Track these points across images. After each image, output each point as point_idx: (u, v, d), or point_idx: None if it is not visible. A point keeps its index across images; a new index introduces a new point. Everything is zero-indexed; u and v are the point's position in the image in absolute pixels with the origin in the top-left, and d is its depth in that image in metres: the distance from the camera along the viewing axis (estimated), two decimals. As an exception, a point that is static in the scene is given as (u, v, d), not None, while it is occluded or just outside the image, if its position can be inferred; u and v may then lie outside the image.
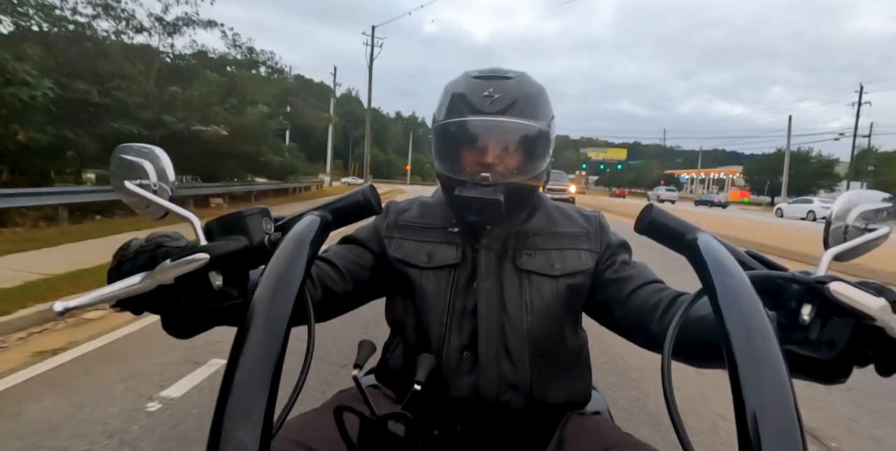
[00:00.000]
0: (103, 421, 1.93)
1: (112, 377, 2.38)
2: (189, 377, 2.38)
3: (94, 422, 1.92)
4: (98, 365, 2.54)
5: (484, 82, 0.78)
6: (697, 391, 2.42)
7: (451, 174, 0.78)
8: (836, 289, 0.43)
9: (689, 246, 0.49)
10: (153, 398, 2.14)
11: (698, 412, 2.19)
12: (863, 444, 2.08)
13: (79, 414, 1.98)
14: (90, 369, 2.48)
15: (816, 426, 2.15)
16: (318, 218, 0.53)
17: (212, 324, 0.53)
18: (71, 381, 2.33)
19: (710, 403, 2.29)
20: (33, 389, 2.24)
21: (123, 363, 2.56)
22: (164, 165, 0.56)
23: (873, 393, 2.52)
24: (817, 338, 0.45)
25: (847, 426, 2.22)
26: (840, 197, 0.55)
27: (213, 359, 2.57)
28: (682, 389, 2.44)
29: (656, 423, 1.98)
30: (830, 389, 2.42)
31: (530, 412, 0.77)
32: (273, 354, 0.37)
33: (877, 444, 2.09)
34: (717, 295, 0.40)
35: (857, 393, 2.52)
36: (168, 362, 2.55)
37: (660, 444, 0.69)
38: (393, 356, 0.85)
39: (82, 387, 2.26)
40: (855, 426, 2.22)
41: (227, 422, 0.34)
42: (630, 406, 2.12)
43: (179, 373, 2.41)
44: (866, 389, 2.54)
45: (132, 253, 0.50)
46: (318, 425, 0.66)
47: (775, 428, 0.32)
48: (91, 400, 2.11)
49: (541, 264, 0.80)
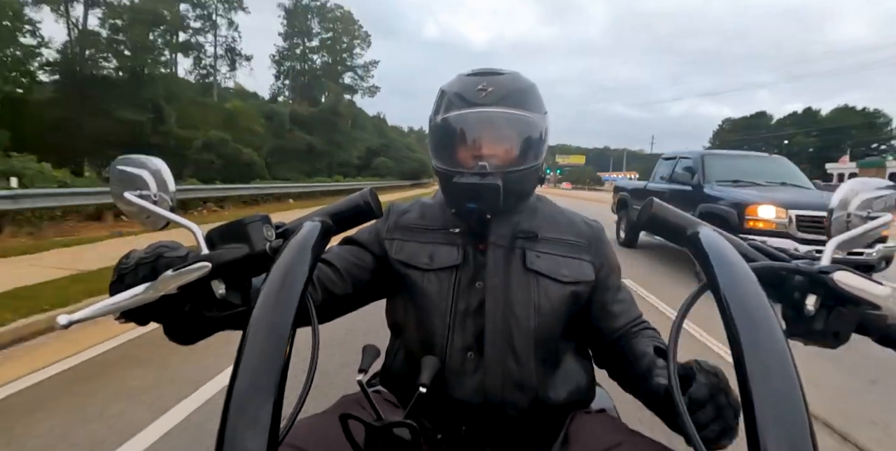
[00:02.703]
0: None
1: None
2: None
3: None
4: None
5: (477, 78, 0.79)
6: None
7: (450, 167, 0.78)
8: (841, 278, 0.43)
9: (691, 240, 0.49)
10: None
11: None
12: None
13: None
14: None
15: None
16: (319, 224, 0.53)
17: (214, 329, 0.53)
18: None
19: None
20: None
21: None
22: (163, 175, 0.56)
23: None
24: (822, 328, 0.45)
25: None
26: (841, 186, 0.55)
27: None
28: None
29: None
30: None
31: (535, 411, 0.77)
32: (277, 361, 0.37)
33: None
34: (721, 288, 0.40)
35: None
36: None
37: (666, 440, 0.69)
38: (396, 360, 0.85)
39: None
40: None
41: (234, 429, 0.34)
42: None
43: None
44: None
45: (133, 265, 0.50)
46: (322, 430, 0.66)
47: (782, 420, 0.32)
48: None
49: (549, 267, 0.80)
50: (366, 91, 36.53)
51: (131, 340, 2.93)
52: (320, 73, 34.35)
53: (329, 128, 29.60)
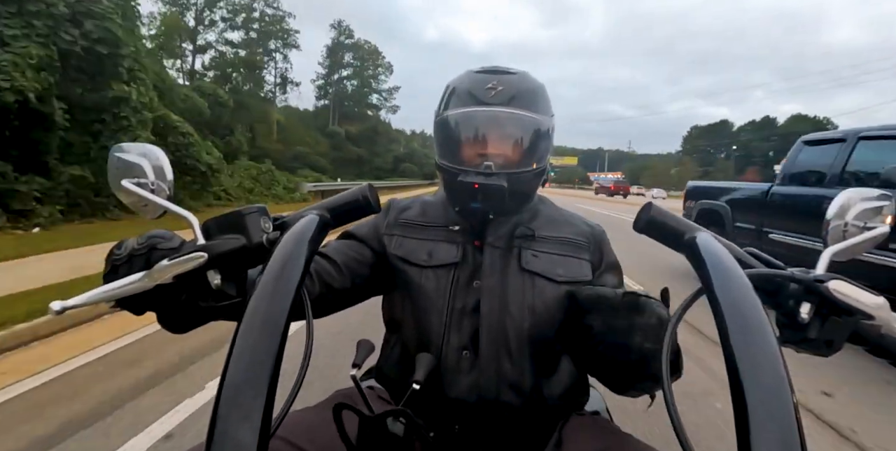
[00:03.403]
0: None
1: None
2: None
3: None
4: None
5: (487, 76, 0.79)
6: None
7: (454, 165, 0.78)
8: (836, 288, 0.43)
9: (688, 245, 0.49)
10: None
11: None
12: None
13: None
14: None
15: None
16: (317, 217, 0.53)
17: (208, 319, 0.52)
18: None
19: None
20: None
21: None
22: (161, 163, 0.56)
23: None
24: (816, 337, 0.45)
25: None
26: (838, 196, 0.55)
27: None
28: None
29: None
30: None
31: (529, 412, 0.77)
32: (271, 353, 0.37)
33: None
34: (716, 294, 0.40)
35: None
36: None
37: (658, 443, 0.69)
38: (391, 356, 0.85)
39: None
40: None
41: (226, 421, 0.34)
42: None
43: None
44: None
45: (126, 257, 0.50)
46: (315, 423, 0.66)
47: (774, 427, 0.32)
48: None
49: (545, 266, 0.80)
50: (389, 109, 50.63)
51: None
52: (352, 95, 46.47)
53: (370, 142, 40.74)
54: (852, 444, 2.00)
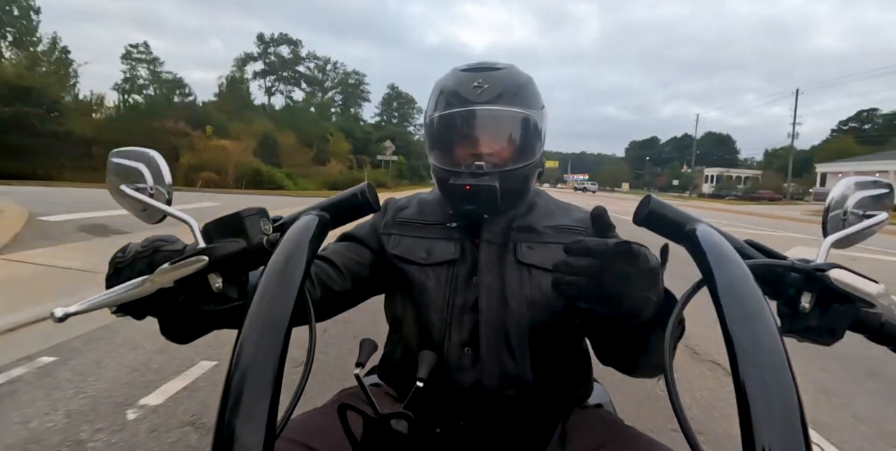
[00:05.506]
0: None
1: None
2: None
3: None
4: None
5: (472, 74, 0.78)
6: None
7: (446, 166, 0.78)
8: (836, 276, 0.43)
9: (688, 236, 0.49)
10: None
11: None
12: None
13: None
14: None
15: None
16: (317, 218, 0.52)
17: (210, 328, 0.53)
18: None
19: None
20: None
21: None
22: (160, 168, 0.56)
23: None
24: (817, 326, 0.45)
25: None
26: (838, 184, 0.55)
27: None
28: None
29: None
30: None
31: (532, 407, 0.77)
32: (274, 355, 0.37)
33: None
34: (717, 285, 0.40)
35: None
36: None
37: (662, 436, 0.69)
38: (394, 354, 0.85)
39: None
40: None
41: (231, 424, 0.34)
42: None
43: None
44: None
45: (130, 259, 0.50)
46: (320, 424, 0.66)
47: (777, 417, 0.32)
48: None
49: (541, 257, 0.79)
50: (420, 135, 65.78)
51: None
52: (397, 129, 61.80)
53: (410, 154, 53.76)
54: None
